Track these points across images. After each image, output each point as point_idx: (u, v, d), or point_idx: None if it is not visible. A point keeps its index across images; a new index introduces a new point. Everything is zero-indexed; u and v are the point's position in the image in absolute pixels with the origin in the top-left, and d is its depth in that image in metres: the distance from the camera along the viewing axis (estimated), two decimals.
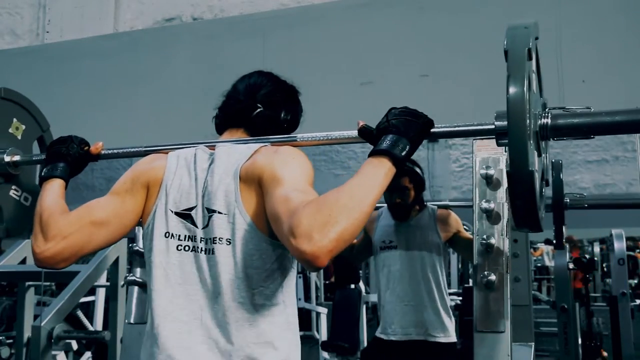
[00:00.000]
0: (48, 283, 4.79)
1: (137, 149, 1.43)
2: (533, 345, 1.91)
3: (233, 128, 1.36)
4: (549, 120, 1.13)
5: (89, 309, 4.72)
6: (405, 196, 2.56)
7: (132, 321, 1.88)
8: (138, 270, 1.90)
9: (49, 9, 3.32)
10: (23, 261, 3.43)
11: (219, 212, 1.17)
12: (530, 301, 1.94)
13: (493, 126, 1.15)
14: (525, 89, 1.04)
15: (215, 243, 1.17)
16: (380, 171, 1.07)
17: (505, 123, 1.07)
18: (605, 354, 4.65)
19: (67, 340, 2.78)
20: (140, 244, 1.94)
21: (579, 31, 2.36)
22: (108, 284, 3.44)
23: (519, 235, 1.89)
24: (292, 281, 1.24)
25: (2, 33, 3.41)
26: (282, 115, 1.36)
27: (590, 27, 2.36)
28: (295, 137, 1.31)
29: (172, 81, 2.96)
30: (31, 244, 1.21)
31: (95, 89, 3.08)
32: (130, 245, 2.25)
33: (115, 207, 1.24)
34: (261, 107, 1.33)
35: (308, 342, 5.86)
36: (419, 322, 2.51)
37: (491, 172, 1.59)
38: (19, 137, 1.67)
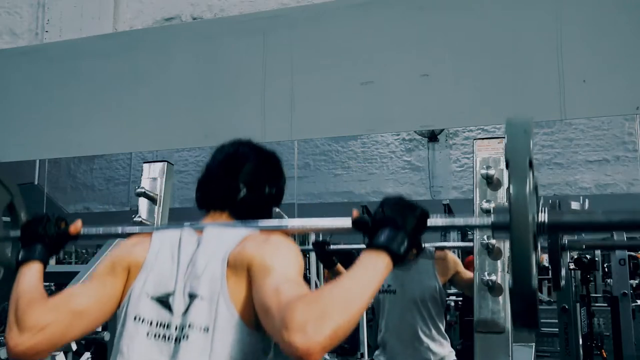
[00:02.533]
0: (48, 283, 4.79)
1: (119, 231, 1.39)
2: (534, 346, 1.91)
3: (217, 211, 1.31)
4: (546, 219, 1.14)
5: None
6: None
7: None
8: None
9: (48, 9, 3.32)
10: None
11: (202, 298, 1.12)
12: None
13: (490, 221, 1.15)
14: (528, 196, 1.05)
15: (192, 329, 1.10)
16: (378, 266, 1.04)
17: (504, 219, 1.08)
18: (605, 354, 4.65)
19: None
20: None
21: (579, 31, 2.35)
22: None
23: None
24: None
25: (1, 33, 3.41)
26: (267, 191, 1.33)
27: (590, 27, 2.35)
28: (287, 224, 1.27)
29: (171, 81, 2.96)
30: (5, 335, 1.13)
31: (95, 89, 3.07)
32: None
33: (95, 292, 1.19)
34: (245, 188, 1.30)
35: None
36: (418, 358, 2.63)
37: (492, 172, 1.59)
38: None
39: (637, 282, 6.92)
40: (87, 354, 3.89)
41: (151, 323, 1.15)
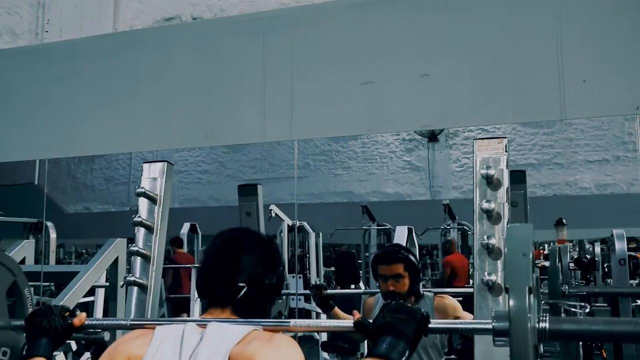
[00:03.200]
0: (48, 283, 4.79)
1: (122, 322, 1.42)
2: None
3: (219, 307, 1.33)
4: (547, 326, 1.16)
5: (88, 309, 4.72)
6: (399, 284, 2.57)
7: None
8: (137, 271, 1.90)
9: (48, 9, 3.32)
10: (22, 261, 3.43)
11: None
12: None
13: (491, 326, 1.18)
14: (527, 315, 1.08)
15: None
16: None
17: (505, 325, 1.12)
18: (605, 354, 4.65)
19: (66, 341, 2.77)
20: (140, 244, 1.94)
21: (579, 31, 2.35)
22: (107, 284, 3.43)
23: None
24: None
25: (1, 33, 3.40)
26: (267, 282, 1.33)
27: (590, 27, 2.35)
28: (289, 322, 1.31)
29: (171, 81, 2.95)
30: None
31: (95, 89, 3.07)
32: (129, 245, 2.25)
33: None
34: (245, 285, 1.31)
35: (308, 343, 5.84)
36: None
37: (492, 172, 1.59)
38: None
39: (637, 282, 6.92)
40: (87, 354, 3.90)
41: None
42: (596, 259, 6.09)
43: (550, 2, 2.39)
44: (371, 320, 1.21)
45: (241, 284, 1.30)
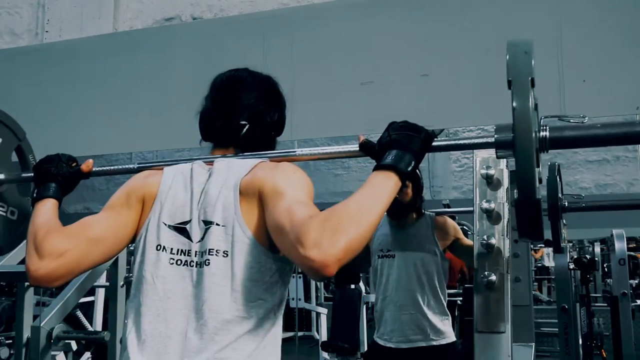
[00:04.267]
0: None
1: (129, 166, 1.42)
2: (533, 346, 1.91)
3: (222, 148, 1.34)
4: (547, 134, 1.18)
5: (88, 309, 4.72)
6: (402, 193, 2.55)
7: None
8: None
9: (48, 9, 3.32)
10: (23, 261, 3.42)
11: (217, 224, 1.16)
12: (530, 301, 1.94)
13: (493, 139, 1.20)
14: (530, 112, 1.11)
15: (212, 255, 1.15)
16: (388, 184, 1.08)
17: (507, 137, 1.15)
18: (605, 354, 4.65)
19: (67, 341, 2.78)
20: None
21: (579, 31, 2.35)
22: (108, 284, 3.43)
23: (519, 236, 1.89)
24: (285, 297, 1.23)
25: (1, 32, 3.41)
26: (268, 120, 1.35)
27: (590, 27, 2.35)
28: (295, 151, 1.31)
29: (171, 81, 2.96)
30: (25, 263, 1.17)
31: (95, 89, 3.07)
32: (129, 245, 2.24)
33: (110, 222, 1.22)
34: (247, 123, 1.32)
35: (308, 342, 5.85)
36: (417, 329, 2.55)
37: (492, 172, 1.59)
38: None
39: (636, 282, 6.93)
40: (87, 354, 3.89)
41: (172, 250, 1.18)
42: (596, 259, 6.10)
43: (550, 2, 2.39)
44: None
45: (243, 122, 1.31)
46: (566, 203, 2.33)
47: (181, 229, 1.19)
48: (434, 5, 2.59)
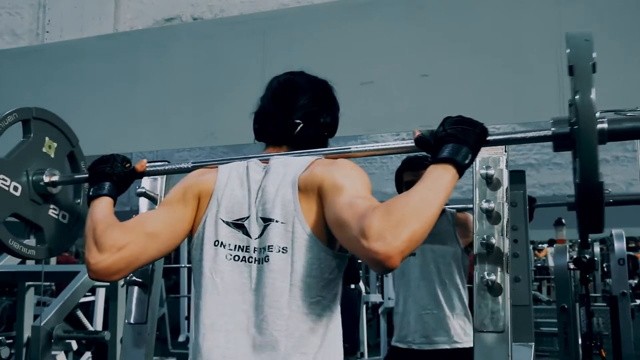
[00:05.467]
0: (48, 283, 4.79)
1: (183, 166, 1.43)
2: (533, 346, 1.91)
3: (276, 147, 1.35)
4: (606, 126, 1.15)
5: (89, 309, 4.72)
6: None
7: (132, 321, 1.87)
8: (138, 271, 1.90)
9: (48, 9, 3.32)
10: (23, 261, 3.43)
11: (277, 221, 1.18)
12: (530, 301, 1.94)
13: (550, 132, 1.20)
14: (593, 101, 1.09)
15: (272, 251, 1.17)
16: (446, 177, 1.09)
17: (565, 129, 1.14)
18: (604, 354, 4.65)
19: (67, 340, 2.78)
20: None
21: (580, 30, 2.36)
22: (108, 284, 3.44)
23: (519, 235, 1.89)
24: (339, 293, 1.24)
25: (1, 33, 3.41)
26: (322, 121, 1.37)
27: (590, 27, 2.35)
28: (350, 148, 1.33)
29: (172, 81, 2.96)
30: (85, 257, 1.20)
31: (95, 89, 3.08)
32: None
33: (167, 218, 1.25)
34: (301, 122, 1.34)
35: None
36: (440, 330, 2.47)
37: (491, 172, 1.59)
38: (52, 155, 1.67)
39: (636, 281, 6.93)
40: (88, 354, 3.89)
41: (230, 246, 1.20)
42: (595, 258, 6.10)
43: (550, 2, 2.39)
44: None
45: (297, 121, 1.33)
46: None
47: (239, 225, 1.21)
48: (434, 5, 2.59)
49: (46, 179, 1.59)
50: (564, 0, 2.37)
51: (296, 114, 1.34)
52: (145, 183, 1.95)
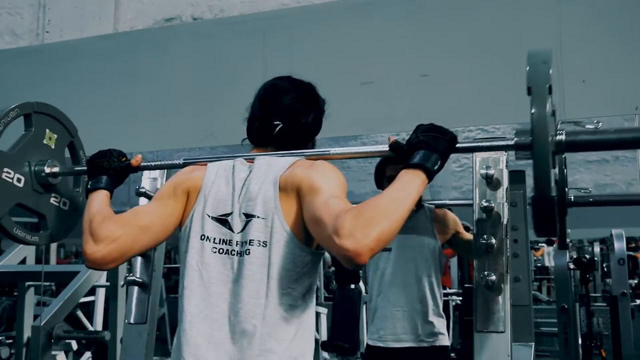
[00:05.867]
0: (48, 283, 4.79)
1: (176, 162, 1.52)
2: (533, 346, 1.91)
3: (261, 147, 1.42)
4: (564, 137, 1.28)
5: (89, 309, 4.72)
6: None
7: (132, 321, 1.87)
8: (138, 271, 1.90)
9: (48, 9, 3.32)
10: (23, 261, 3.43)
11: (258, 217, 1.26)
12: (530, 301, 1.94)
13: (513, 142, 1.29)
14: (547, 117, 1.20)
15: (252, 245, 1.25)
16: (416, 181, 1.18)
17: (527, 140, 1.24)
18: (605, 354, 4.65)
19: (67, 340, 2.78)
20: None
21: (579, 31, 2.36)
22: (108, 284, 3.44)
23: (519, 235, 1.89)
24: (314, 288, 1.32)
25: (1, 33, 3.41)
26: (303, 121, 1.43)
27: (590, 27, 2.36)
28: (329, 150, 1.41)
29: (172, 81, 2.96)
30: (82, 247, 1.28)
31: (95, 89, 3.08)
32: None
33: (158, 212, 1.33)
34: (280, 123, 1.40)
35: None
36: (411, 328, 2.43)
37: (491, 171, 1.59)
38: (53, 147, 1.75)
39: (636, 281, 6.93)
40: (88, 354, 3.90)
41: (215, 240, 1.29)
42: (595, 258, 6.11)
43: (550, 2, 2.39)
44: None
45: (276, 122, 1.40)
46: (572, 197, 2.28)
47: (223, 221, 1.30)
48: (434, 5, 2.59)
49: (47, 170, 1.68)
50: (564, 0, 2.38)
51: (277, 115, 1.41)
52: (145, 183, 1.95)
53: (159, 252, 1.90)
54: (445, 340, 2.48)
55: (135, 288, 1.90)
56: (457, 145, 1.29)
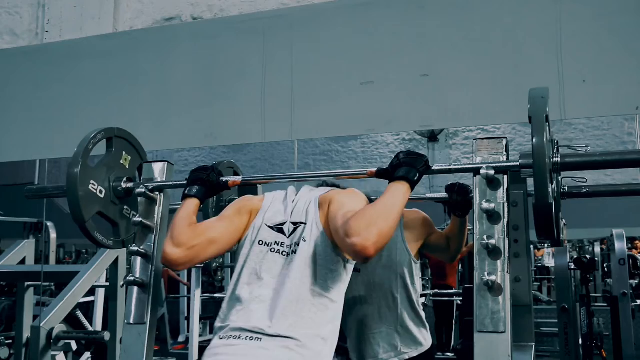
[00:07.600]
0: (48, 283, 4.79)
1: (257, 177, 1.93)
2: (533, 346, 1.91)
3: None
4: (559, 159, 1.56)
5: (88, 309, 4.72)
6: None
7: (131, 321, 1.87)
8: (138, 271, 1.90)
9: (48, 9, 3.32)
10: (23, 261, 3.43)
11: (302, 223, 1.63)
12: (530, 301, 1.94)
13: (518, 163, 1.59)
14: (545, 143, 1.45)
15: (299, 244, 1.58)
16: (402, 189, 1.54)
17: (530, 161, 1.49)
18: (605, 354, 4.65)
19: (67, 341, 2.78)
20: (140, 244, 1.94)
21: (579, 31, 2.35)
22: (108, 284, 3.44)
23: (520, 235, 1.89)
24: (345, 284, 1.61)
25: (1, 33, 3.41)
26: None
27: (590, 27, 2.36)
28: (322, 172, 1.68)
29: (172, 81, 2.96)
30: (163, 244, 1.58)
31: (95, 89, 3.07)
32: (130, 245, 2.25)
33: (225, 228, 1.64)
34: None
35: None
36: (391, 346, 2.27)
37: (491, 172, 1.59)
38: (127, 167, 2.04)
39: (636, 282, 6.93)
40: (87, 354, 3.89)
41: (271, 244, 1.62)
42: (596, 258, 6.10)
43: (550, 2, 2.39)
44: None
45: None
46: (566, 188, 2.21)
47: (278, 228, 1.64)
48: (434, 5, 2.59)
49: (123, 185, 1.98)
50: (564, 0, 2.37)
51: None
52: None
53: (159, 252, 1.90)
54: (428, 344, 2.33)
55: (135, 288, 1.90)
56: (435, 167, 1.66)
